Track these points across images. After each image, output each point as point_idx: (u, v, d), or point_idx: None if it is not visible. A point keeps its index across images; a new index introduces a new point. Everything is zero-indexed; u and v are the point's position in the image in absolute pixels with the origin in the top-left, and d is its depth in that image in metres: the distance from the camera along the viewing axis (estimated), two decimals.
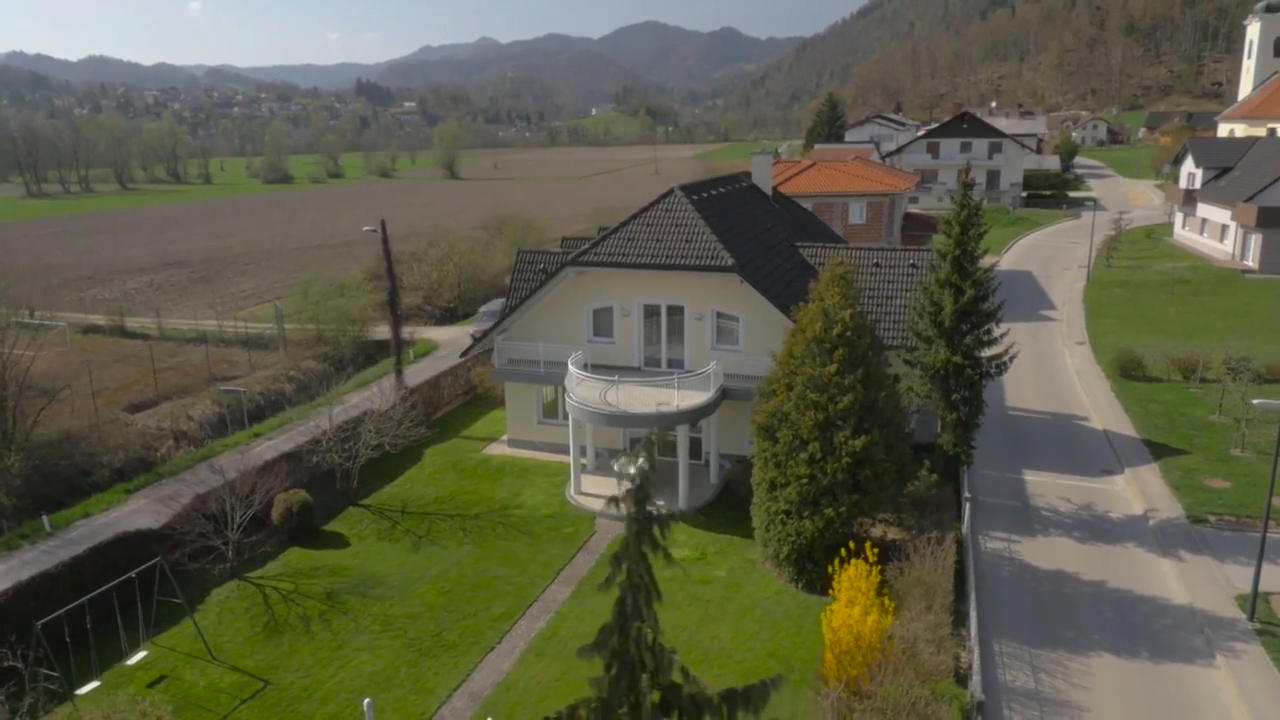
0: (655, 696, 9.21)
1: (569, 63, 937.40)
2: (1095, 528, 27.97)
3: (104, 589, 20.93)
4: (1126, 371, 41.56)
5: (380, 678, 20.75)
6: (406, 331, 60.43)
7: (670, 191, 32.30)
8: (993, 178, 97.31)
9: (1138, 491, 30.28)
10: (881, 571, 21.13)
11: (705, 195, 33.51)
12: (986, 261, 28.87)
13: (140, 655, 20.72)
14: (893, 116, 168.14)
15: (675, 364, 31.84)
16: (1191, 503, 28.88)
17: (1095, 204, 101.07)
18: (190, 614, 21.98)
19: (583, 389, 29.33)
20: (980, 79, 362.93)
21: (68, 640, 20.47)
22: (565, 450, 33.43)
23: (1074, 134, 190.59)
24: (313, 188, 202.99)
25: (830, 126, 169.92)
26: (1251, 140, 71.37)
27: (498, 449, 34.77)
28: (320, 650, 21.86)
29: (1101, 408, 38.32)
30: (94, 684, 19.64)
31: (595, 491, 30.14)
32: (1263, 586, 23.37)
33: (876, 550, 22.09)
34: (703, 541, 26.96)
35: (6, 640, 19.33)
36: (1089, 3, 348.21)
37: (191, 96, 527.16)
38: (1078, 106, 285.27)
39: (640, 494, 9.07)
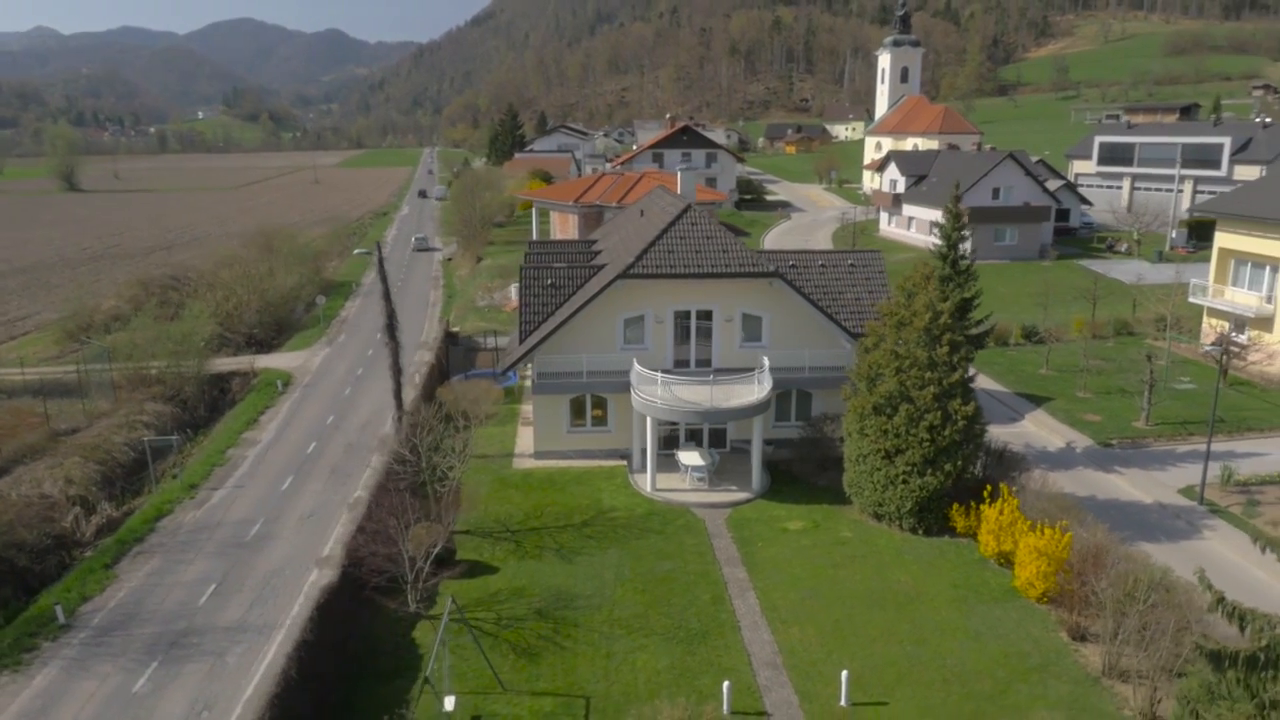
0: None
1: (154, 59, 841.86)
2: (1048, 459, 36.14)
3: (440, 641, 19.93)
4: None
5: (677, 670, 22.12)
6: (245, 362, 55.42)
7: (689, 208, 35.25)
8: (711, 184, 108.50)
9: (1048, 430, 39.24)
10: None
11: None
12: None
13: (451, 700, 20.03)
14: (575, 126, 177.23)
15: (703, 363, 34.96)
16: (1092, 433, 38.28)
17: (791, 206, 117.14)
18: (482, 652, 21.36)
19: (658, 389, 31.52)
20: (607, 90, 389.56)
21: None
22: (596, 456, 35.23)
23: None
24: None
25: (512, 136, 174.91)
26: (936, 152, 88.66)
27: (528, 462, 35.21)
28: (595, 660, 22.49)
29: None
30: None
31: (668, 486, 32.41)
32: (1192, 481, 32.74)
33: (987, 490, 27.83)
34: (801, 514, 30.72)
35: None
36: (694, 25, 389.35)
37: None
38: (698, 118, 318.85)
39: None
